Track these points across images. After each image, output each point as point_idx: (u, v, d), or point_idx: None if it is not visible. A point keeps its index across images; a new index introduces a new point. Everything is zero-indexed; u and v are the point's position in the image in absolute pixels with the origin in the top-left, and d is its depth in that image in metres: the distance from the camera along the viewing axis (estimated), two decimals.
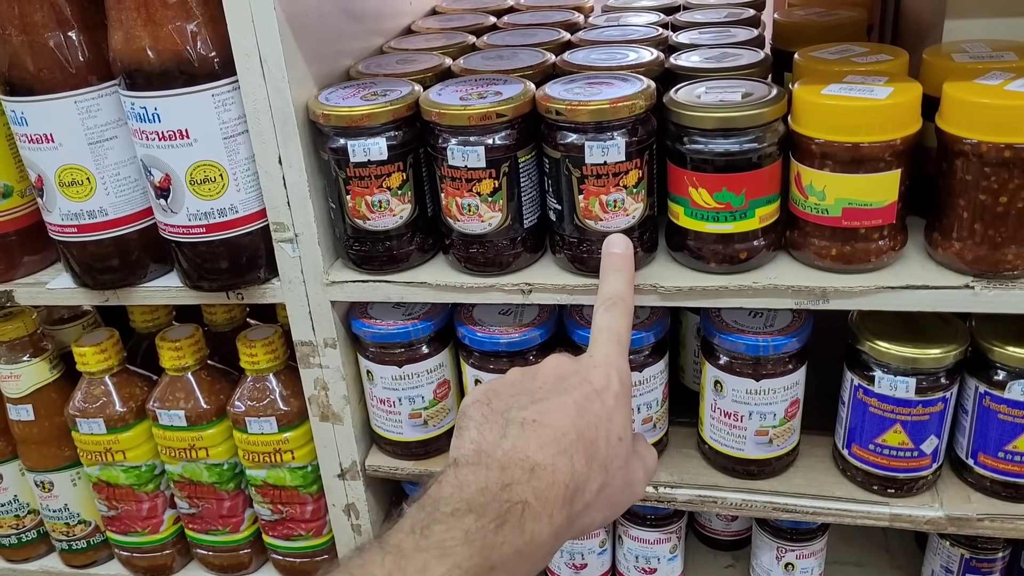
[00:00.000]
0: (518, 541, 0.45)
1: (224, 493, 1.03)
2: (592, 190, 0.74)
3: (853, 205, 0.72)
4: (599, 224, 0.76)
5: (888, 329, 0.81)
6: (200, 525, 1.06)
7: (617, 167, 0.73)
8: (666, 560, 0.98)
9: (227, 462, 1.01)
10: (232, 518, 1.05)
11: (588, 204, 0.75)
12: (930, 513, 0.84)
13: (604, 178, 0.74)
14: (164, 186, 0.79)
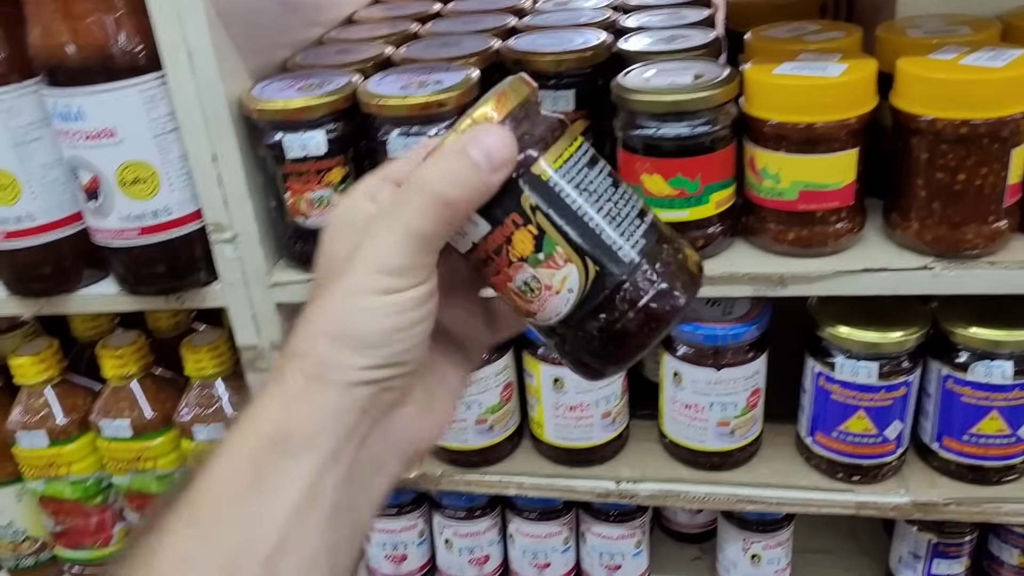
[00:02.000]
0: None
1: None
2: None
3: (809, 188, 0.70)
4: None
5: (848, 314, 0.79)
6: None
7: None
8: (631, 556, 0.96)
9: (176, 472, 0.98)
10: None
11: None
12: (896, 499, 0.82)
13: None
14: (93, 188, 0.75)
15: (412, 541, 0.99)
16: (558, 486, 0.89)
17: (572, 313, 0.38)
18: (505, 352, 0.87)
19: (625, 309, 0.38)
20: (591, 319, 0.38)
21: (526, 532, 0.97)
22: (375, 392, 0.37)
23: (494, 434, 0.89)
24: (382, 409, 0.39)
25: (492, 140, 0.37)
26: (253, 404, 0.38)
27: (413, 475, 0.91)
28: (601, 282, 0.38)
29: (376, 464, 0.39)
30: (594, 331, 0.39)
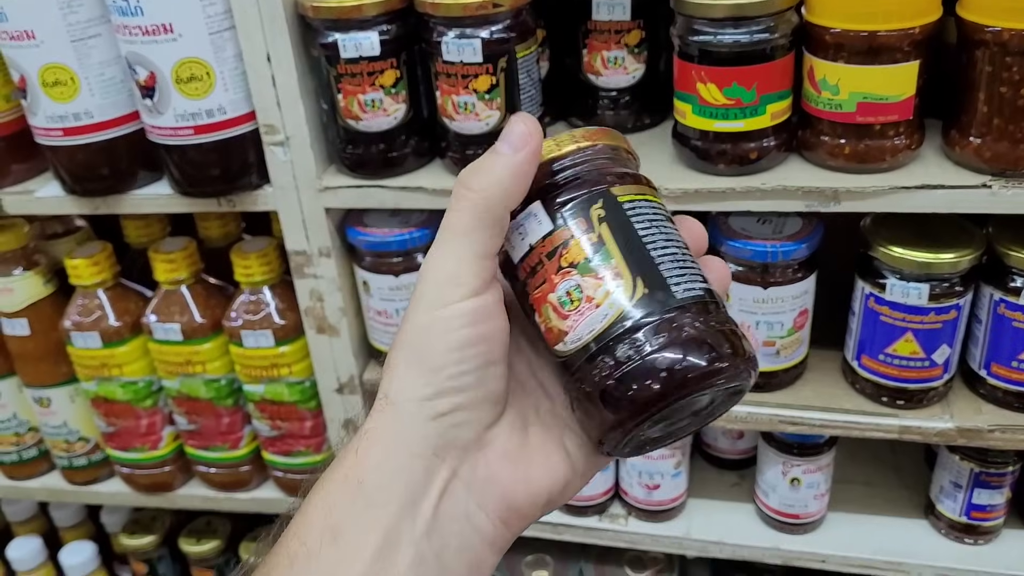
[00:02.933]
0: None
1: (222, 409, 1.02)
2: None
3: (868, 99, 0.69)
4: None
5: (902, 235, 0.78)
6: (199, 441, 1.05)
7: None
8: (670, 476, 0.97)
9: (224, 378, 1.00)
10: (231, 435, 1.04)
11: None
12: (940, 425, 0.81)
13: None
14: (149, 85, 0.76)
15: None
16: None
17: (605, 332, 0.36)
18: None
19: (662, 343, 0.35)
20: (623, 343, 0.36)
21: None
22: (444, 429, 0.36)
23: None
24: (458, 453, 0.37)
25: (516, 126, 0.37)
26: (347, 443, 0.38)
27: None
28: (645, 304, 0.36)
29: (465, 518, 0.37)
30: (622, 358, 0.36)
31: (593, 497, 0.99)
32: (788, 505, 0.95)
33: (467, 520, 0.37)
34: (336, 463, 0.38)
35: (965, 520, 0.91)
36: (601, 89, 0.83)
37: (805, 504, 0.94)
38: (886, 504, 1.00)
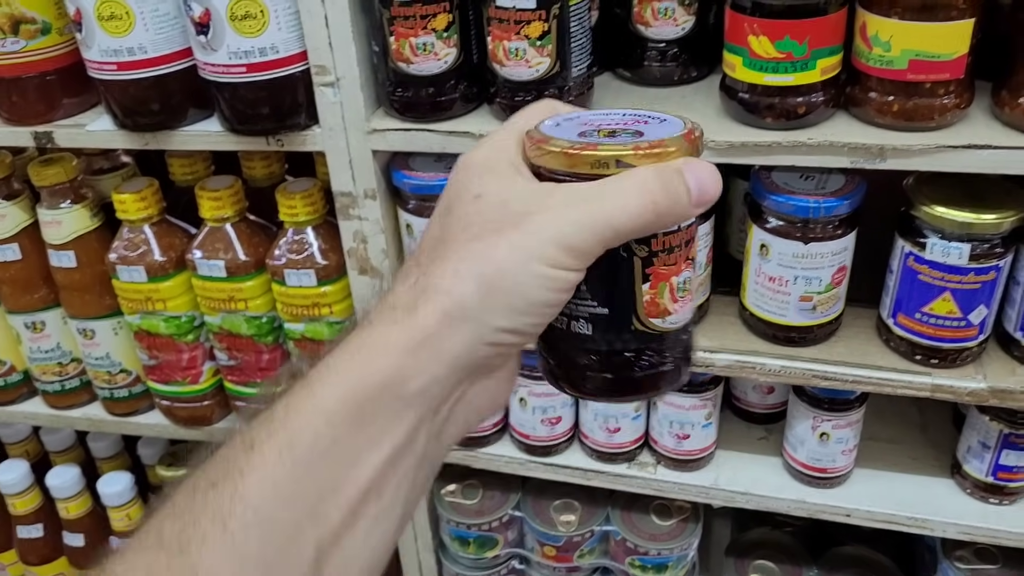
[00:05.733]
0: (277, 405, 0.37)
1: (263, 346, 1.04)
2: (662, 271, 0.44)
3: (920, 57, 0.69)
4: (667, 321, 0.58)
5: (944, 195, 0.78)
6: (239, 377, 1.07)
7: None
8: (700, 427, 0.98)
9: (266, 315, 1.02)
10: (271, 371, 1.06)
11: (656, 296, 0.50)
12: (973, 385, 0.82)
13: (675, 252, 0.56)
14: (204, 21, 0.77)
15: None
16: None
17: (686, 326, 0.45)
18: None
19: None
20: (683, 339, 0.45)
21: None
22: (493, 355, 0.38)
23: None
24: (486, 372, 0.39)
25: (709, 180, 0.39)
26: (376, 321, 0.38)
27: None
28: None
29: (456, 422, 0.40)
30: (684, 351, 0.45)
31: (623, 445, 1.01)
32: (816, 459, 0.96)
33: (457, 424, 0.41)
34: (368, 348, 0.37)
35: (991, 480, 0.93)
36: (650, 40, 0.83)
37: (833, 459, 0.96)
38: (912, 462, 1.01)
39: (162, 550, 0.32)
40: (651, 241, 0.41)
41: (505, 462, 1.05)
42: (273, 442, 0.35)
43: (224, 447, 0.36)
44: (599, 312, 0.44)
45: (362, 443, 0.36)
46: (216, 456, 0.36)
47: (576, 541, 1.10)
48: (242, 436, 0.36)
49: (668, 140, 0.40)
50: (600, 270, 0.42)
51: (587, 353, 0.45)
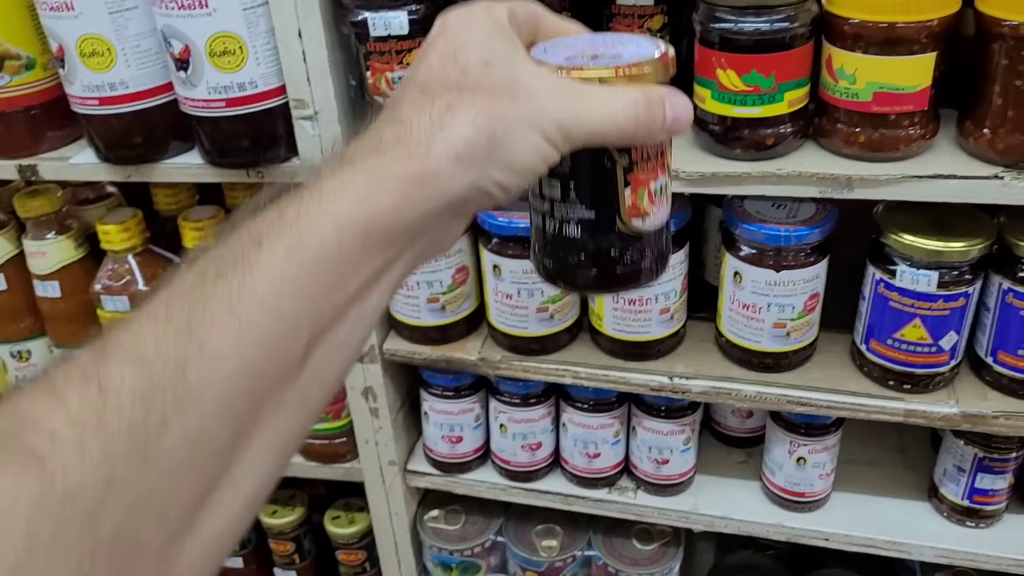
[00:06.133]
0: (286, 205, 0.39)
1: None
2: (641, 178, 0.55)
3: (884, 89, 0.70)
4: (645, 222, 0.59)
5: (913, 223, 0.79)
6: None
7: None
8: (679, 452, 0.99)
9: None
10: None
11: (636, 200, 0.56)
12: (945, 410, 0.83)
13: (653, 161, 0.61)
14: (184, 58, 0.78)
15: (468, 424, 1.03)
16: (613, 377, 0.92)
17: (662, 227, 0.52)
18: None
19: None
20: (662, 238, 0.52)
21: (579, 422, 1.00)
22: (476, 201, 0.43)
23: (554, 323, 0.92)
24: (459, 215, 0.44)
25: (683, 113, 0.46)
26: (388, 152, 0.41)
27: (474, 359, 0.95)
28: None
29: (422, 256, 0.44)
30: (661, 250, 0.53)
31: (603, 470, 1.02)
32: (794, 484, 0.97)
33: (410, 266, 0.44)
34: (370, 179, 0.40)
35: (967, 504, 0.94)
36: None
37: (810, 483, 0.96)
38: (890, 485, 1.02)
39: (170, 325, 0.34)
40: (631, 151, 0.48)
41: (487, 488, 1.06)
42: (282, 242, 0.37)
43: (230, 239, 0.37)
44: (587, 216, 0.52)
45: (360, 256, 0.39)
46: (222, 247, 0.37)
47: (558, 566, 1.10)
48: (249, 232, 0.38)
49: (645, 63, 0.46)
50: (588, 178, 0.50)
51: (577, 253, 0.52)
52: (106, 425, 0.30)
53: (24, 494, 0.28)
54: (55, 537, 0.28)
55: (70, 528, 0.28)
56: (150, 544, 0.31)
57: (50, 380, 0.31)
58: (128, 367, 0.32)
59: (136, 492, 0.30)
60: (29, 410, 0.30)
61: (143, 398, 0.31)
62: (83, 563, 0.28)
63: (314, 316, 0.38)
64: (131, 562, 0.30)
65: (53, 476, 0.28)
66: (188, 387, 0.32)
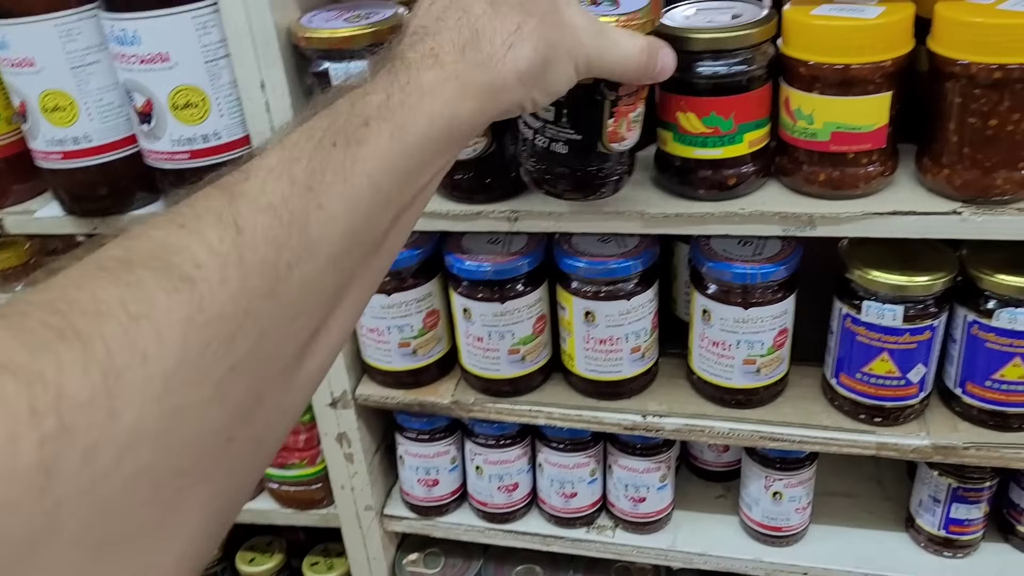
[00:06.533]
0: (392, 89, 0.43)
1: (300, 426, 1.04)
2: (623, 110, 0.68)
3: (842, 129, 0.71)
4: (621, 144, 0.71)
5: (878, 257, 0.80)
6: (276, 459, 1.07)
7: None
8: (656, 489, 0.99)
9: None
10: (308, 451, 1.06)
11: (617, 126, 0.69)
12: (916, 442, 0.84)
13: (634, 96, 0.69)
14: (146, 111, 0.78)
15: (444, 467, 1.03)
16: (586, 417, 0.92)
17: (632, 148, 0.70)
18: (539, 285, 0.89)
19: None
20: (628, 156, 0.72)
21: (554, 462, 1.00)
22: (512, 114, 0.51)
23: (526, 365, 0.92)
24: None
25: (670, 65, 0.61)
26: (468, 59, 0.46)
27: (447, 402, 0.94)
28: None
29: None
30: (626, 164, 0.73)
31: (581, 509, 1.02)
32: (771, 518, 0.97)
33: None
34: (476, 68, 0.46)
35: (944, 534, 0.94)
36: None
37: (787, 517, 0.96)
38: (867, 517, 1.02)
39: (294, 184, 0.37)
40: (619, 87, 0.62)
41: (464, 530, 1.05)
42: (387, 124, 0.41)
43: (337, 110, 0.41)
44: (575, 138, 0.67)
45: (440, 150, 0.45)
46: (331, 117, 0.40)
47: None
48: (353, 107, 0.41)
49: (640, 11, 0.61)
50: (580, 108, 0.65)
51: (561, 165, 0.69)
52: (245, 261, 0.33)
53: (179, 310, 0.30)
54: (203, 353, 0.30)
55: (214, 348, 0.31)
56: (272, 372, 0.35)
57: (180, 217, 0.33)
58: (260, 215, 0.35)
59: (266, 325, 0.33)
60: (168, 239, 0.32)
61: (274, 242, 0.35)
62: (222, 381, 0.31)
63: (402, 195, 0.43)
64: (256, 388, 0.34)
65: (202, 299, 0.31)
66: (309, 238, 0.36)
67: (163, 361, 0.29)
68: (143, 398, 0.28)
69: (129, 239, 0.32)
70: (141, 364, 0.28)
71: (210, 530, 0.33)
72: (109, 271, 0.30)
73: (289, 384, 0.37)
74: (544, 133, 0.69)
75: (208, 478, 0.31)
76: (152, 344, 0.29)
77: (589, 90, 0.65)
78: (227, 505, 0.34)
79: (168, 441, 0.29)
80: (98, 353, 0.27)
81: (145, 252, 0.31)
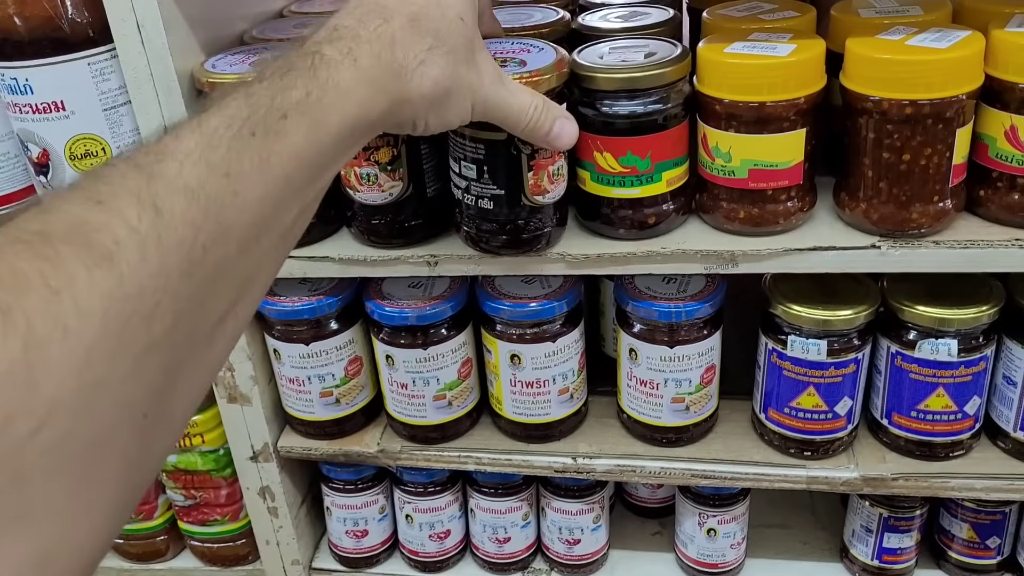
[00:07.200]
0: (311, 86, 0.44)
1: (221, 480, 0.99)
2: (542, 163, 0.69)
3: (759, 166, 0.71)
4: (545, 197, 0.72)
5: (801, 292, 0.80)
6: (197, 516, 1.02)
7: None
8: (590, 531, 0.97)
9: (222, 448, 0.97)
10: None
11: (537, 179, 0.70)
12: (846, 475, 0.83)
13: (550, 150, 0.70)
14: (43, 162, 0.75)
15: (373, 517, 1.00)
16: (516, 461, 0.90)
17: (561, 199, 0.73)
18: (463, 329, 0.87)
19: None
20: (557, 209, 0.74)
21: (486, 507, 0.97)
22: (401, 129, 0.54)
23: (453, 410, 0.90)
24: None
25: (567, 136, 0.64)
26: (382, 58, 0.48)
27: (373, 451, 0.92)
28: None
29: None
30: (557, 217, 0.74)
31: (515, 554, 0.99)
32: (706, 555, 0.96)
33: None
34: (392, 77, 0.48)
35: (877, 564, 0.93)
36: None
37: (722, 554, 0.95)
38: (803, 548, 1.02)
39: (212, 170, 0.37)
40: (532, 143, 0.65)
41: None
42: (304, 119, 0.43)
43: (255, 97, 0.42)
44: (498, 193, 0.70)
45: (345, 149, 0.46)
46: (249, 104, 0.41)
47: None
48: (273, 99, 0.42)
49: (543, 69, 0.65)
50: (499, 162, 0.68)
51: (491, 221, 0.72)
52: (163, 241, 0.33)
53: (99, 285, 0.30)
54: (123, 329, 0.31)
55: (134, 323, 0.31)
56: (185, 352, 0.35)
57: (96, 193, 0.33)
58: (178, 196, 0.35)
59: (182, 305, 0.34)
60: (87, 215, 0.32)
61: (192, 225, 0.35)
62: (139, 358, 0.32)
63: (309, 189, 0.44)
64: (170, 366, 0.34)
65: (121, 276, 0.31)
66: (224, 223, 0.37)
67: (83, 335, 0.29)
68: (63, 371, 0.28)
69: (45, 213, 0.32)
70: (62, 338, 0.28)
71: (122, 504, 0.33)
72: (28, 244, 0.30)
73: (200, 364, 0.38)
74: (470, 191, 0.71)
75: (122, 452, 0.32)
76: (72, 318, 0.29)
77: (506, 144, 0.68)
78: (138, 481, 0.34)
79: (85, 415, 0.29)
80: (19, 325, 0.27)
81: (64, 227, 0.31)
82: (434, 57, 0.51)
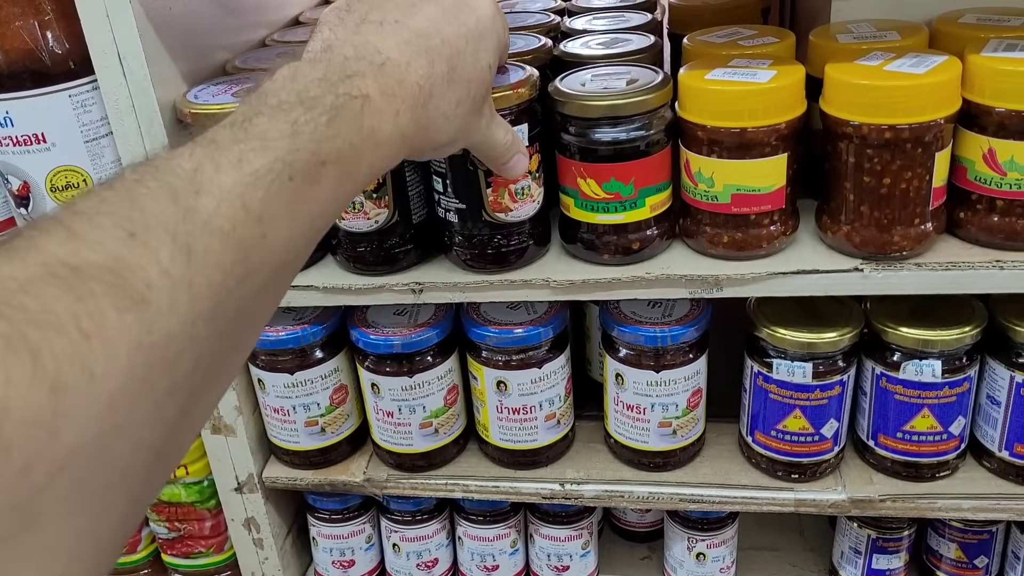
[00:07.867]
0: (354, 136, 0.42)
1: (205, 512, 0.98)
2: (501, 181, 0.72)
3: (742, 191, 0.71)
4: (509, 215, 0.73)
5: (785, 315, 0.80)
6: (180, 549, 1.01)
7: None
8: (579, 557, 0.97)
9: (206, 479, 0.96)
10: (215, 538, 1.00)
11: (497, 196, 0.72)
12: (834, 496, 0.83)
13: None
14: (23, 194, 0.74)
15: (360, 546, 0.99)
16: (503, 488, 0.89)
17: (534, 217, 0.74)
18: (449, 355, 0.87)
19: None
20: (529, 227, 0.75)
21: (474, 535, 0.97)
22: None
23: (439, 437, 0.89)
24: None
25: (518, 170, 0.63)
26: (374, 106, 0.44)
27: (359, 480, 0.91)
28: None
29: None
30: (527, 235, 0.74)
31: None
32: None
33: None
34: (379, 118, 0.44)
35: None
36: None
37: None
38: (792, 570, 1.02)
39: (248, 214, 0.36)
40: None
41: None
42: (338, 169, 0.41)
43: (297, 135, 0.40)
44: (461, 206, 0.73)
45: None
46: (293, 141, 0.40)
47: None
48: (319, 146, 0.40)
49: (507, 85, 0.68)
50: (459, 177, 0.71)
51: (458, 234, 0.74)
52: (193, 286, 0.33)
53: (128, 330, 0.30)
54: (147, 375, 0.30)
55: (157, 368, 0.31)
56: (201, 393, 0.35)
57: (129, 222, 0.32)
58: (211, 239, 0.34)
59: (203, 348, 0.33)
60: (120, 252, 0.31)
61: (220, 268, 0.35)
62: (159, 402, 0.31)
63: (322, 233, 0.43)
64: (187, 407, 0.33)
65: (152, 321, 0.30)
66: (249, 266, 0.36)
67: (109, 381, 0.28)
68: (85, 417, 0.28)
69: (76, 240, 0.31)
70: (88, 383, 0.28)
71: (123, 537, 0.33)
72: (60, 279, 0.29)
73: (211, 399, 0.38)
74: (441, 204, 0.74)
75: (131, 489, 0.32)
76: (100, 363, 0.28)
77: (463, 160, 0.71)
78: (139, 515, 0.34)
79: (101, 460, 0.29)
80: (48, 369, 0.27)
81: (97, 263, 0.30)
82: (459, 112, 0.51)
